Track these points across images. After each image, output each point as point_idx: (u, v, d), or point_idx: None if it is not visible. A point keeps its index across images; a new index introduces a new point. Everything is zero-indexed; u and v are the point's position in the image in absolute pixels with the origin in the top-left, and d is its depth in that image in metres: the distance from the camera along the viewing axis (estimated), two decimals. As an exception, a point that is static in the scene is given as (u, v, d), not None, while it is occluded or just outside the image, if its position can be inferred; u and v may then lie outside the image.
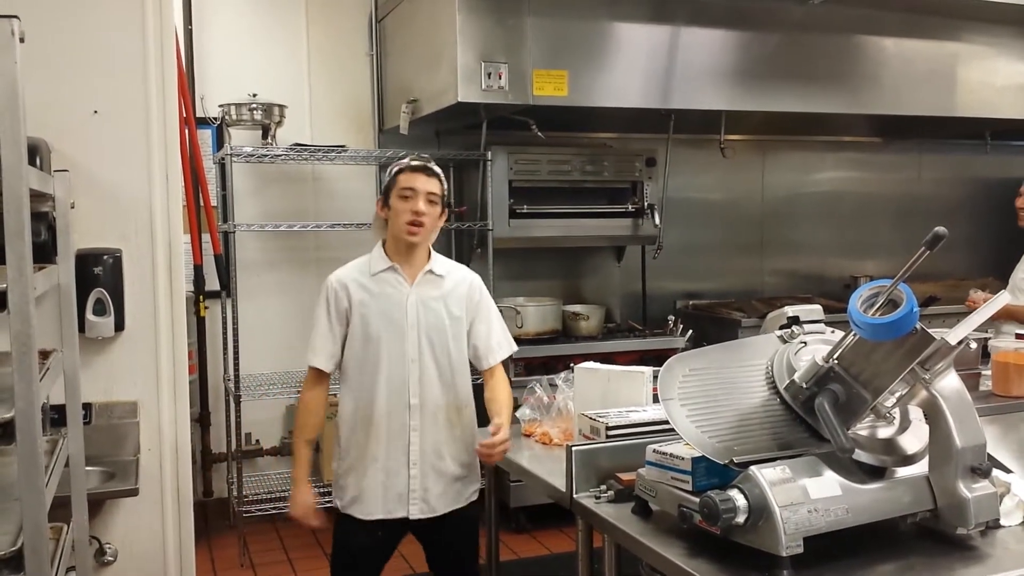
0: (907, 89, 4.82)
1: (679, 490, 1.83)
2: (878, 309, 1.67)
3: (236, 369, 4.39)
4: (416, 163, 2.59)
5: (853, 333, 1.75)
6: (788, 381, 1.85)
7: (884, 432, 1.86)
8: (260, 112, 4.53)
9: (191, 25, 4.68)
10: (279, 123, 4.60)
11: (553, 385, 2.94)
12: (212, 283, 4.66)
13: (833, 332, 1.99)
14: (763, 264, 5.93)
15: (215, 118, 4.67)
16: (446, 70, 4.08)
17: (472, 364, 2.70)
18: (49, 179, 2.38)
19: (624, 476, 2.11)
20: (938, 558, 1.75)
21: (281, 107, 4.59)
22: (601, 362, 2.89)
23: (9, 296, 1.70)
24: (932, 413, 1.78)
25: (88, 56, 2.84)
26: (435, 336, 2.58)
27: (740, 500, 1.66)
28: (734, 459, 1.73)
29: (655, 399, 2.53)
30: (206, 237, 4.63)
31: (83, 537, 2.48)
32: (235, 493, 4.49)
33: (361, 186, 4.95)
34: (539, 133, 4.49)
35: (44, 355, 2.18)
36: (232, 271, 4.46)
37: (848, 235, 6.07)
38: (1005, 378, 2.83)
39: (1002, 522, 1.84)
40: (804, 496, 1.67)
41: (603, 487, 2.14)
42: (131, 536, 2.92)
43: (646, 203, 4.95)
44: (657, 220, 4.94)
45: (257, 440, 4.84)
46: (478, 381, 2.71)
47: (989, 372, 2.92)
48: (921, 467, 1.82)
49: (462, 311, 2.63)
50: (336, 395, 2.69)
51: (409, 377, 2.55)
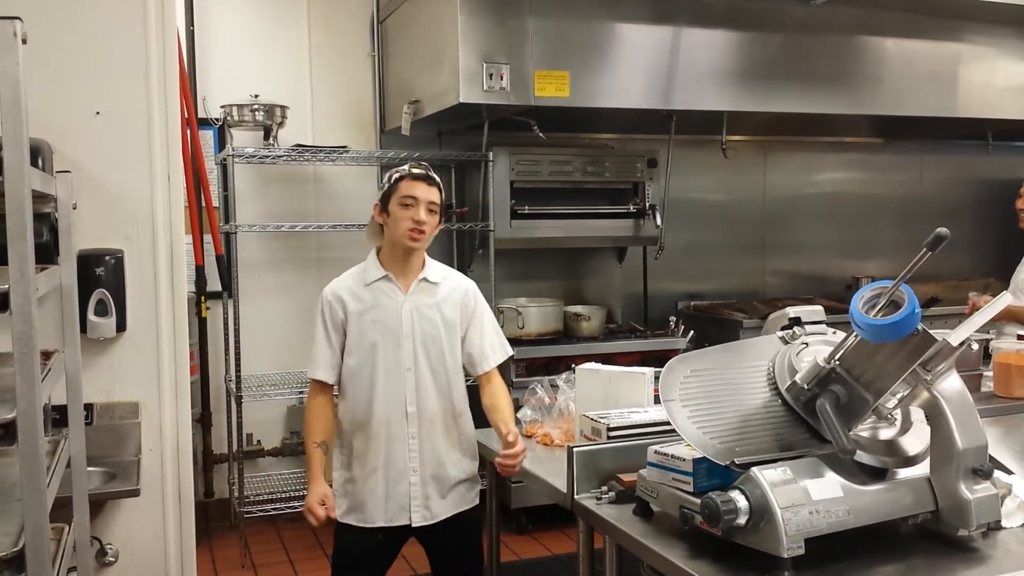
0: (909, 90, 4.82)
1: (680, 491, 1.83)
2: (880, 310, 1.67)
3: (237, 370, 4.40)
4: (417, 171, 2.58)
5: (855, 334, 1.74)
6: (789, 382, 1.85)
7: (885, 433, 1.86)
8: (262, 113, 4.53)
9: (193, 26, 4.69)
10: (281, 124, 4.60)
11: (554, 386, 2.94)
12: (214, 284, 4.67)
13: (835, 333, 1.99)
14: (765, 265, 5.92)
15: (217, 119, 4.67)
16: (448, 71, 4.08)
17: (466, 369, 2.69)
18: (51, 180, 2.38)
19: (625, 477, 2.11)
20: (939, 559, 1.75)
21: (283, 108, 4.60)
22: (602, 363, 2.89)
23: (11, 297, 1.70)
24: (933, 414, 1.78)
25: (90, 57, 2.85)
26: (430, 344, 2.58)
27: (741, 501, 1.66)
28: (735, 460, 1.73)
29: (656, 400, 2.52)
30: (208, 238, 4.64)
31: (84, 538, 2.48)
32: (236, 494, 4.50)
33: (362, 187, 4.95)
34: (540, 134, 4.48)
35: (46, 356, 2.18)
36: (233, 272, 4.46)
37: (850, 236, 6.07)
38: (1007, 379, 2.82)
39: (1003, 523, 1.84)
40: (805, 497, 1.67)
41: (604, 488, 2.14)
42: (132, 537, 2.92)
43: (647, 204, 4.95)
44: (658, 221, 4.94)
45: (258, 441, 4.84)
46: (471, 383, 2.70)
47: (991, 373, 2.92)
48: (922, 468, 1.81)
49: (457, 318, 2.63)
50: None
51: (406, 386, 2.55)
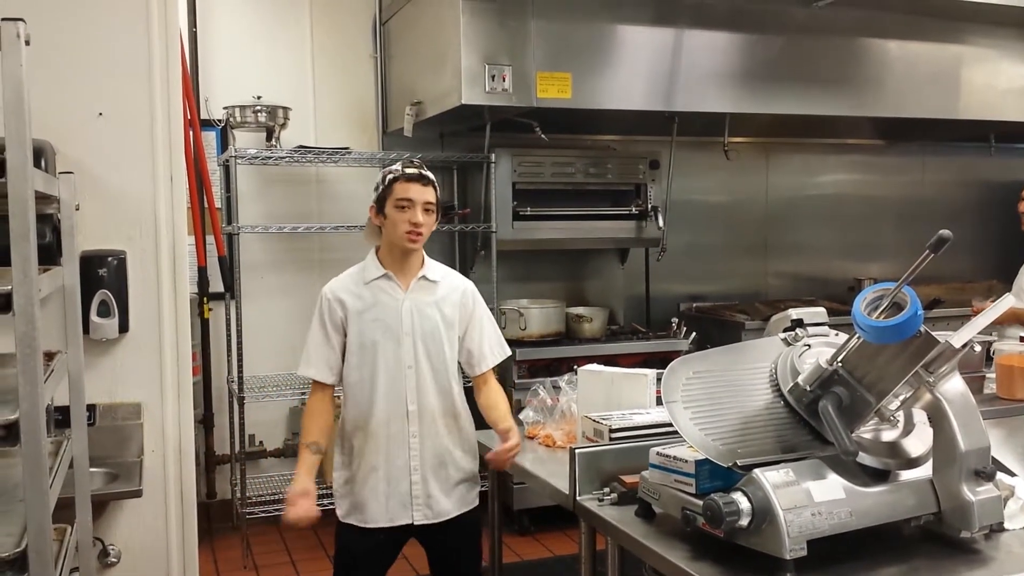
0: (911, 92, 4.82)
1: (682, 493, 1.82)
2: (882, 312, 1.67)
3: (240, 371, 4.40)
4: (411, 171, 2.57)
5: (857, 336, 1.74)
6: (792, 384, 1.85)
7: (888, 435, 1.85)
8: (264, 114, 4.53)
9: (196, 27, 4.69)
10: (283, 125, 4.61)
11: (556, 387, 2.94)
12: (216, 285, 4.67)
13: (837, 335, 1.98)
14: (767, 266, 5.92)
15: (219, 120, 4.68)
16: (450, 72, 4.09)
17: (463, 369, 2.69)
18: (54, 181, 2.38)
19: (627, 479, 2.10)
20: (942, 561, 1.75)
21: (285, 109, 4.60)
22: (604, 364, 2.89)
23: (14, 298, 1.70)
24: (936, 416, 1.78)
25: (93, 58, 2.85)
26: (430, 342, 2.58)
27: (744, 503, 1.66)
28: (737, 462, 1.73)
29: (658, 401, 2.52)
30: (210, 239, 4.64)
31: (87, 538, 2.49)
32: (238, 495, 4.50)
33: (365, 188, 4.86)
34: (543, 135, 4.49)
35: (49, 357, 2.18)
36: (236, 273, 4.46)
37: (852, 237, 6.06)
38: (1009, 381, 2.82)
39: (1006, 525, 1.83)
40: (808, 499, 1.67)
41: (606, 489, 2.14)
42: (134, 537, 2.93)
43: (650, 205, 4.94)
44: (661, 222, 4.93)
45: (261, 442, 4.84)
46: (467, 384, 2.70)
47: (993, 375, 2.92)
48: (925, 470, 1.81)
49: (456, 318, 2.63)
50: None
51: (406, 384, 2.55)
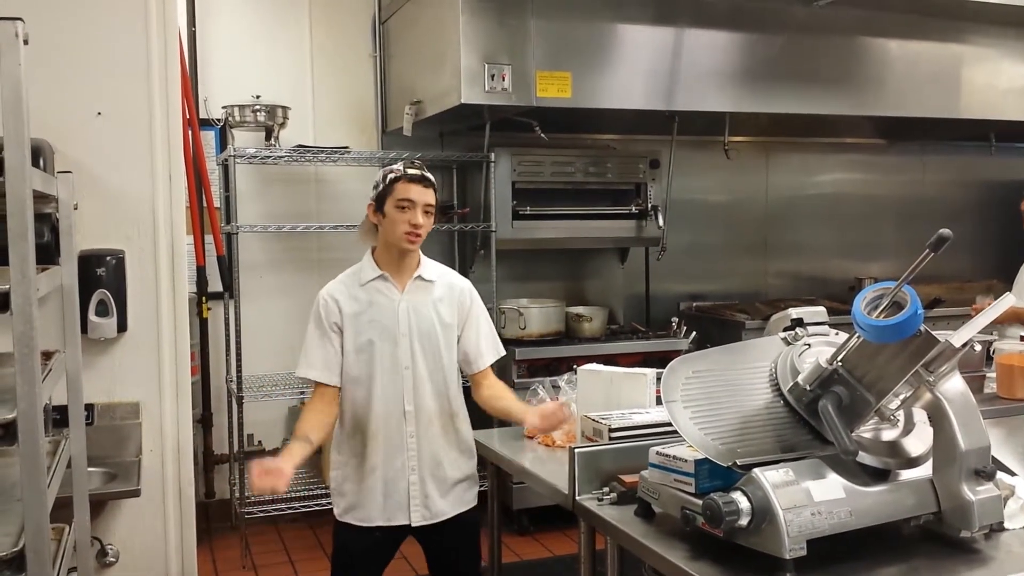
0: (911, 91, 4.82)
1: (682, 492, 1.82)
2: (882, 311, 1.66)
3: (238, 370, 4.40)
4: (413, 172, 2.56)
5: (857, 335, 1.74)
6: (792, 383, 1.84)
7: (888, 435, 1.85)
8: (263, 113, 4.53)
9: (195, 27, 4.69)
10: (282, 124, 4.60)
11: (556, 387, 2.94)
12: (215, 284, 4.66)
13: (837, 334, 1.98)
14: (767, 266, 5.92)
15: (218, 119, 4.67)
16: (449, 72, 4.08)
17: (461, 368, 2.68)
18: (52, 180, 2.38)
19: (627, 478, 2.10)
20: (942, 561, 1.75)
21: (284, 108, 4.59)
22: (604, 364, 2.89)
23: (12, 297, 1.70)
24: (936, 415, 1.78)
25: (92, 58, 2.85)
26: (427, 342, 2.57)
27: (743, 502, 1.65)
28: (737, 461, 1.73)
29: (658, 401, 2.52)
30: (209, 238, 4.64)
31: (85, 538, 2.49)
32: (237, 494, 4.50)
33: (364, 188, 4.82)
34: (542, 135, 4.48)
35: (47, 356, 2.18)
36: (235, 272, 4.45)
37: (852, 237, 6.06)
38: (1010, 381, 2.82)
39: (1006, 525, 1.83)
40: (807, 499, 1.67)
41: (606, 489, 2.13)
42: (133, 537, 2.93)
43: (650, 205, 4.94)
44: (661, 222, 4.93)
45: (259, 441, 4.83)
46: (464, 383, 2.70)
47: (994, 375, 2.91)
48: (925, 470, 1.81)
49: (453, 317, 2.62)
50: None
51: (404, 384, 2.54)
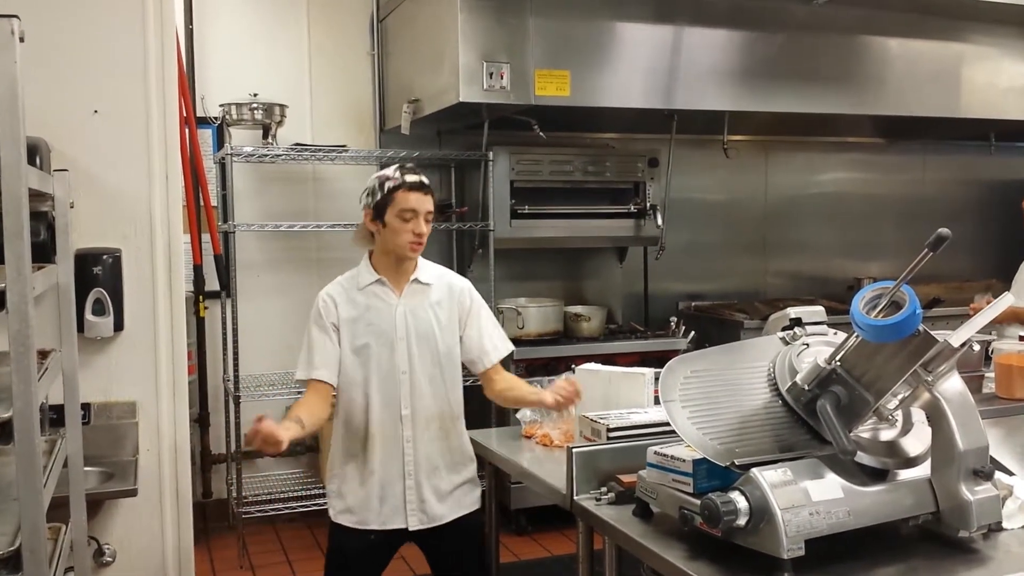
0: (911, 90, 4.81)
1: (680, 492, 1.82)
2: (881, 311, 1.66)
3: (236, 370, 4.39)
4: (412, 179, 2.55)
5: (856, 335, 1.73)
6: (790, 383, 1.84)
7: (886, 434, 1.85)
8: (261, 112, 4.52)
9: (192, 24, 4.68)
10: (280, 123, 4.59)
11: (555, 387, 2.93)
12: (212, 283, 4.66)
13: (836, 334, 1.98)
14: (766, 265, 5.91)
15: (215, 118, 4.66)
16: (448, 70, 4.07)
17: (468, 368, 2.67)
18: (49, 178, 2.37)
19: (625, 478, 2.10)
20: (940, 561, 1.74)
21: (282, 107, 4.59)
22: (602, 363, 2.88)
23: (8, 296, 1.70)
24: (934, 415, 1.77)
25: (88, 55, 2.84)
26: (425, 346, 2.56)
27: (741, 502, 1.65)
28: (735, 461, 1.72)
29: (656, 401, 2.51)
30: (206, 237, 4.63)
31: (81, 537, 2.48)
32: (234, 494, 4.49)
33: (362, 186, 4.86)
34: (541, 133, 4.48)
35: (43, 355, 2.17)
36: (232, 271, 4.45)
37: (851, 236, 6.05)
38: (1008, 380, 2.81)
39: (1004, 525, 1.83)
40: (805, 498, 1.67)
41: (604, 489, 2.13)
42: (130, 537, 2.92)
43: (648, 204, 4.93)
44: (659, 221, 4.93)
45: (258, 441, 4.83)
46: (473, 383, 2.68)
47: (992, 375, 2.91)
48: (923, 470, 1.81)
49: (453, 319, 2.61)
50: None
51: (400, 389, 2.53)
